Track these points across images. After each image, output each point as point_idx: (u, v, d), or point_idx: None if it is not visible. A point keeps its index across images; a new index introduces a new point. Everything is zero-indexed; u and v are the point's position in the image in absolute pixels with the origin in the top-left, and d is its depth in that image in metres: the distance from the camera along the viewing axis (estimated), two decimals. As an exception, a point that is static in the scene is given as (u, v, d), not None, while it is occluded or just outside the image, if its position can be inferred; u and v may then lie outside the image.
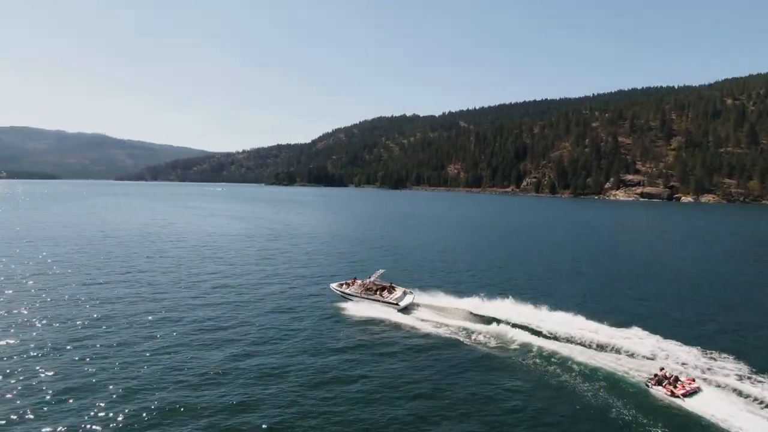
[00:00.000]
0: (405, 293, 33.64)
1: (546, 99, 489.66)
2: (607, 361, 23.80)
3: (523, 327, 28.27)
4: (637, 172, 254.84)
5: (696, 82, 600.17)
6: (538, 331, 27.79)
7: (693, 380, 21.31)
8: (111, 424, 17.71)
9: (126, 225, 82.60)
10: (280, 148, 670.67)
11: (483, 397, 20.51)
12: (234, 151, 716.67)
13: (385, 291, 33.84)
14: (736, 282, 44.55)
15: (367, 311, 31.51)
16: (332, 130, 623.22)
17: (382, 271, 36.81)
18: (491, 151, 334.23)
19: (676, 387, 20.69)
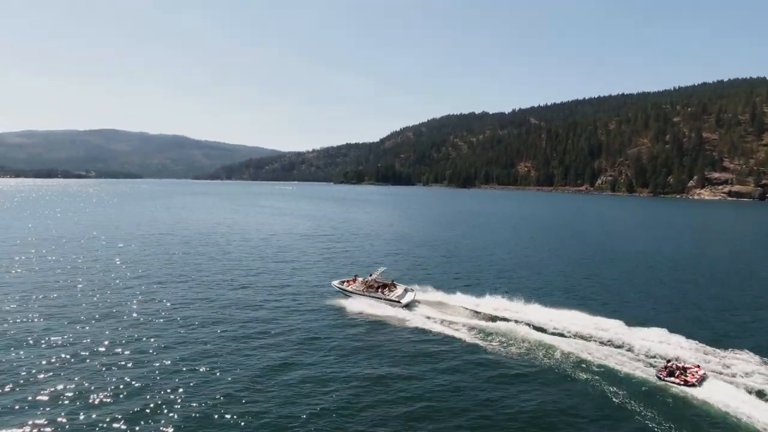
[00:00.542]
0: (406, 290, 34.17)
1: (622, 93, 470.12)
2: (620, 358, 23.87)
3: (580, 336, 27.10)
4: (724, 169, 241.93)
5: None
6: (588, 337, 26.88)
7: (698, 367, 22.06)
8: (124, 423, 17.78)
9: (196, 224, 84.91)
10: (348, 147, 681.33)
11: (493, 396, 20.47)
12: (304, 150, 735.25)
13: (387, 289, 34.45)
14: None
15: (369, 308, 32.07)
16: (400, 129, 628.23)
17: (383, 269, 37.96)
18: (563, 149, 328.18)
19: (687, 376, 21.08)
